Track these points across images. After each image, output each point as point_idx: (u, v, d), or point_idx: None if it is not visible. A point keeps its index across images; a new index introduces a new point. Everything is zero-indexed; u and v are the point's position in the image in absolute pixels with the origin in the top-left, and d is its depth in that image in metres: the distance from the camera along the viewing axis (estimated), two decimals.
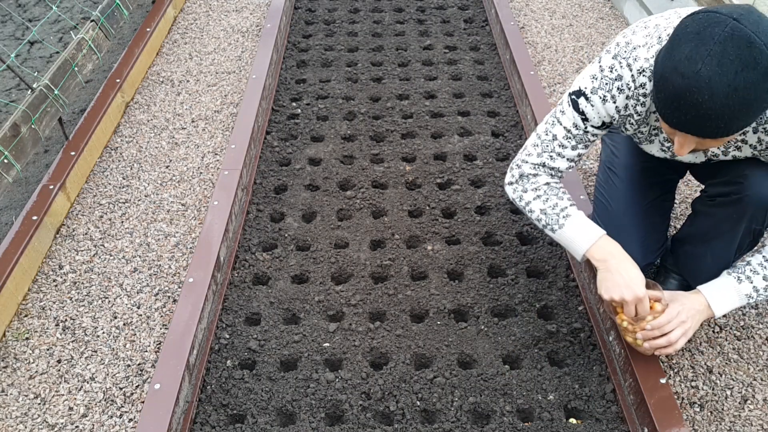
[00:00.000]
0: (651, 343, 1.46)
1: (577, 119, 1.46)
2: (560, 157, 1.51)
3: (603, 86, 1.39)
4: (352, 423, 1.55)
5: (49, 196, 2.11)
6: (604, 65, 1.38)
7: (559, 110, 1.50)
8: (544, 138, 1.53)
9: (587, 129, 1.46)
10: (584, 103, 1.43)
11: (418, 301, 1.85)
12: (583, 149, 1.51)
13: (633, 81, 1.35)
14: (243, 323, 1.81)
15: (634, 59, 1.33)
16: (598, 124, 1.46)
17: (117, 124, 2.63)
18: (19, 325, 1.85)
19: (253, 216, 2.15)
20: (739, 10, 1.08)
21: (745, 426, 1.57)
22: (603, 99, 1.40)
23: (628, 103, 1.39)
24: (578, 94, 1.44)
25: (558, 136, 1.50)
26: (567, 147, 1.50)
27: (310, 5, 3.46)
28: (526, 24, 3.26)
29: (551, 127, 1.52)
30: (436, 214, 2.15)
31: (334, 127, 2.55)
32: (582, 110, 1.44)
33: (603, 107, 1.41)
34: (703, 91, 1.08)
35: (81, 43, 2.59)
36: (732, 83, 1.06)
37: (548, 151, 1.52)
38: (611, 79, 1.37)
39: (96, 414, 1.62)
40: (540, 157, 1.53)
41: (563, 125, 1.49)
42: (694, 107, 1.10)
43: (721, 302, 1.46)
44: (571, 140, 1.49)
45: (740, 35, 1.06)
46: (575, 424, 1.55)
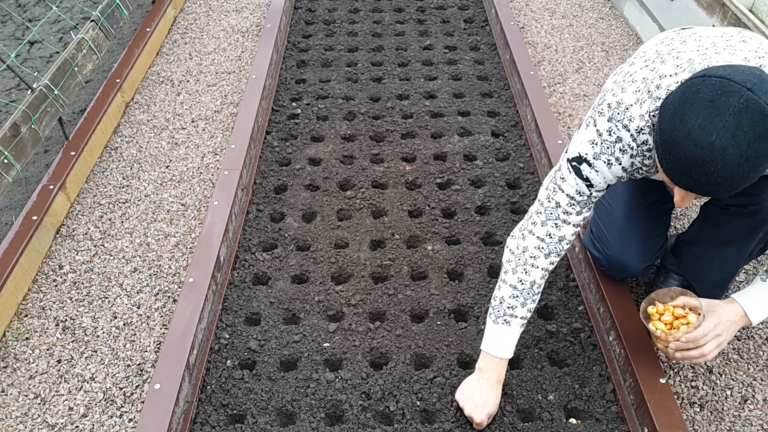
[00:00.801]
0: (684, 353, 1.44)
1: (581, 186, 1.41)
2: (566, 224, 1.46)
3: (605, 150, 1.35)
4: (352, 423, 1.55)
5: (49, 196, 2.11)
6: (601, 129, 1.34)
7: (559, 177, 1.44)
8: (548, 206, 1.47)
9: (592, 194, 1.43)
10: (588, 170, 1.38)
11: (418, 301, 1.85)
12: (587, 212, 1.47)
13: (634, 140, 1.32)
14: (243, 323, 1.81)
15: (630, 119, 1.30)
16: (603, 188, 1.43)
17: (117, 124, 2.63)
18: (19, 325, 1.85)
19: (253, 216, 2.15)
20: (753, 79, 1.08)
21: (745, 426, 1.57)
22: (608, 163, 1.36)
23: (634, 161, 1.37)
24: (579, 160, 1.39)
25: (561, 204, 1.45)
26: (572, 213, 1.45)
27: (310, 5, 3.47)
28: (526, 24, 3.26)
29: (553, 194, 1.46)
30: (436, 214, 2.15)
31: (334, 127, 2.55)
32: (586, 177, 1.39)
33: (609, 171, 1.37)
34: (716, 162, 1.08)
35: (81, 43, 2.59)
36: (744, 154, 1.07)
37: (553, 219, 1.46)
38: (611, 142, 1.34)
39: (96, 414, 1.62)
40: (545, 226, 1.47)
41: (566, 192, 1.43)
42: (705, 175, 1.11)
43: (759, 310, 1.45)
44: (575, 206, 1.44)
45: (755, 108, 1.06)
46: (575, 424, 1.55)
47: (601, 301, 1.78)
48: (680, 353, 1.44)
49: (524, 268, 1.49)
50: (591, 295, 1.85)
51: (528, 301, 1.51)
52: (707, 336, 1.40)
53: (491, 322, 1.54)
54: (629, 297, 1.75)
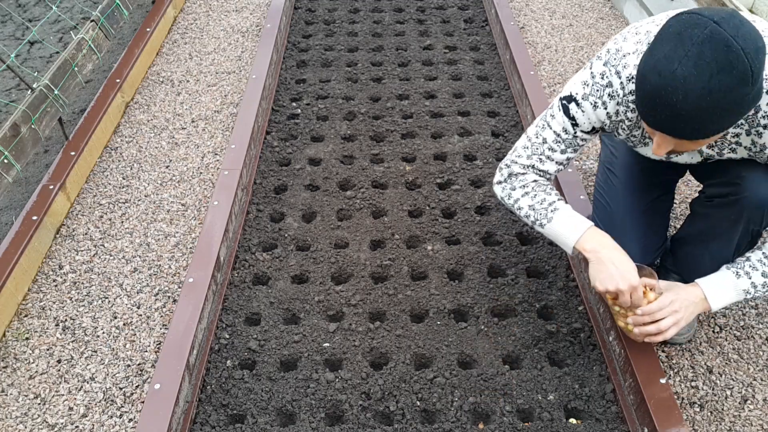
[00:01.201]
0: (641, 329, 1.47)
1: (567, 124, 1.47)
2: (549, 160, 1.52)
3: (594, 92, 1.39)
4: (352, 423, 1.55)
5: (49, 196, 2.11)
6: (595, 72, 1.39)
7: (549, 114, 1.50)
8: (534, 141, 1.53)
9: (576, 134, 1.47)
10: (575, 109, 1.43)
11: (418, 301, 1.85)
12: (572, 153, 1.52)
13: (622, 88, 1.36)
14: (243, 323, 1.81)
15: (624, 66, 1.33)
16: (588, 129, 1.46)
17: (117, 124, 2.63)
18: (19, 325, 1.85)
19: (253, 216, 2.15)
20: (722, 14, 1.09)
21: (745, 426, 1.57)
22: (594, 105, 1.40)
23: (619, 109, 1.40)
24: (569, 99, 1.44)
25: (548, 140, 1.50)
26: (556, 150, 1.51)
27: (310, 5, 3.47)
28: (526, 24, 3.26)
29: (541, 130, 1.52)
30: (436, 214, 2.15)
31: (334, 127, 2.55)
32: (573, 115, 1.44)
33: (594, 113, 1.42)
34: (677, 91, 1.09)
35: (81, 43, 2.59)
36: (707, 85, 1.07)
37: (537, 154, 1.52)
38: (602, 85, 1.38)
39: (96, 414, 1.62)
40: (530, 159, 1.54)
41: (553, 129, 1.49)
42: (669, 107, 1.11)
43: (718, 296, 1.47)
44: (560, 144, 1.50)
45: (718, 38, 1.06)
46: (575, 424, 1.55)
47: (601, 301, 1.78)
48: (638, 329, 1.47)
49: (518, 180, 1.56)
50: (591, 295, 1.85)
51: (549, 189, 1.55)
52: (663, 310, 1.43)
53: (548, 224, 1.51)
54: None
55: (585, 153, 2.43)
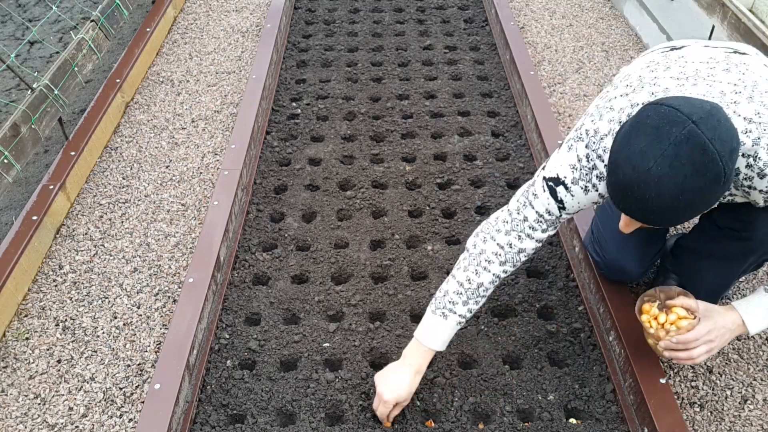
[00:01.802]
0: (672, 353, 1.44)
1: (552, 206, 1.42)
2: (529, 238, 1.47)
3: (584, 177, 1.36)
4: (352, 423, 1.55)
5: (49, 196, 2.11)
6: (580, 155, 1.35)
7: (532, 192, 1.44)
8: (516, 217, 1.47)
9: (561, 216, 1.44)
10: (563, 192, 1.39)
11: (418, 301, 1.85)
12: (552, 231, 1.48)
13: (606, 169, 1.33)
14: (243, 323, 1.81)
15: (604, 150, 1.31)
16: (574, 212, 1.43)
17: (117, 124, 2.63)
18: (19, 325, 1.85)
19: (253, 216, 2.15)
20: (700, 112, 1.07)
21: (745, 426, 1.57)
22: (585, 189, 1.37)
23: None
24: (557, 182, 1.39)
25: (529, 219, 1.45)
26: (537, 230, 1.46)
27: (310, 5, 3.47)
28: (526, 24, 3.26)
29: (523, 207, 1.46)
30: (436, 214, 2.15)
31: (334, 127, 2.55)
32: (560, 199, 1.40)
33: (585, 197, 1.38)
34: (650, 189, 1.09)
35: (81, 43, 2.59)
36: (680, 186, 1.07)
37: (517, 231, 1.46)
38: (588, 168, 1.35)
39: (96, 414, 1.62)
40: (508, 235, 1.47)
41: (536, 209, 1.43)
42: (641, 201, 1.11)
43: (758, 320, 1.44)
44: (542, 224, 1.45)
45: (696, 140, 1.05)
46: (575, 424, 1.55)
47: (601, 301, 1.78)
48: (668, 353, 1.44)
49: (476, 269, 1.48)
50: (591, 295, 1.85)
51: (470, 302, 1.49)
52: (699, 340, 1.40)
53: (430, 311, 1.52)
54: (629, 297, 1.75)
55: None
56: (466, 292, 1.48)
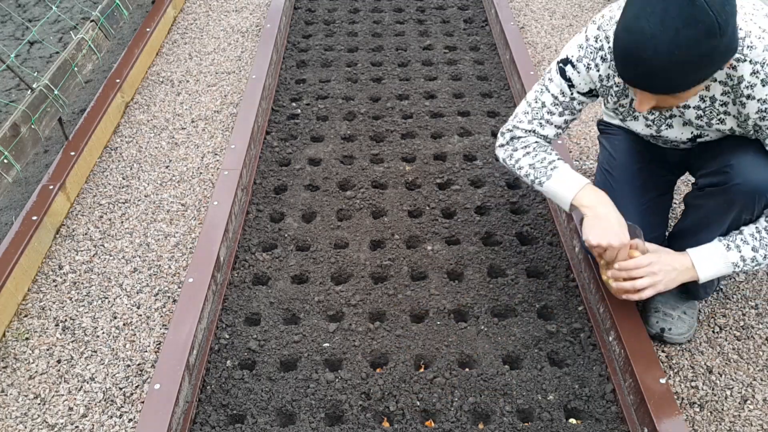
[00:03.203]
0: (618, 284, 1.51)
1: (564, 86, 1.54)
2: (549, 124, 1.60)
3: (588, 55, 1.47)
4: (352, 423, 1.55)
5: (49, 196, 2.11)
6: (589, 35, 1.46)
7: (548, 78, 1.57)
8: (534, 105, 1.60)
9: (574, 95, 1.54)
10: (571, 70, 1.51)
11: (418, 302, 1.85)
12: (569, 116, 1.59)
13: (611, 53, 1.42)
14: (243, 323, 1.81)
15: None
16: (584, 91, 1.53)
17: (117, 124, 2.64)
18: (19, 325, 1.85)
19: (252, 216, 2.15)
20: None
21: (745, 426, 1.58)
22: (587, 67, 1.48)
23: (609, 73, 1.47)
24: (565, 62, 1.51)
25: (546, 103, 1.58)
26: (555, 114, 1.58)
27: (310, 5, 3.47)
28: (526, 24, 3.26)
29: (540, 94, 1.59)
30: (436, 214, 2.15)
31: (334, 127, 2.55)
32: (569, 77, 1.52)
33: (587, 74, 1.49)
34: (647, 48, 1.14)
35: (81, 43, 2.59)
36: (673, 40, 1.11)
37: (537, 118, 1.60)
38: (595, 48, 1.45)
39: (96, 414, 1.62)
40: (530, 124, 1.61)
41: (551, 92, 1.56)
42: (641, 63, 1.16)
43: (707, 266, 1.49)
44: (558, 107, 1.57)
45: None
46: (575, 424, 1.55)
47: (601, 301, 1.78)
48: (615, 283, 1.53)
49: (520, 142, 1.63)
50: (591, 295, 1.85)
51: (549, 149, 1.63)
52: (641, 270, 1.47)
53: (547, 181, 1.58)
54: None
55: (585, 153, 2.44)
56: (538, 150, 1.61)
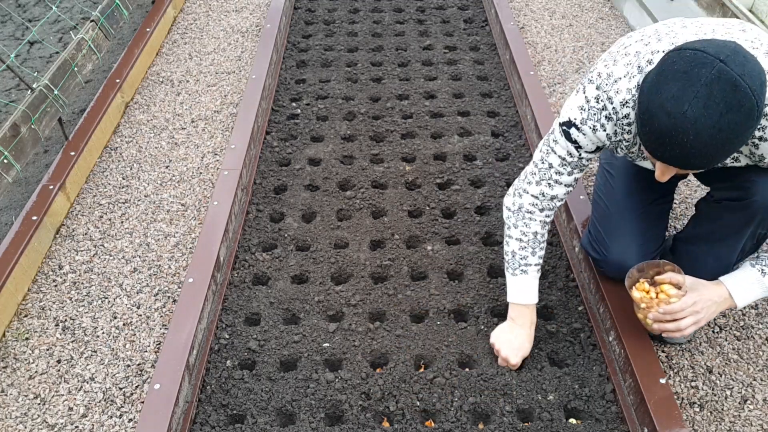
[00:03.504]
0: (660, 325, 1.50)
1: (570, 148, 1.49)
2: (558, 184, 1.56)
3: (591, 117, 1.41)
4: (352, 423, 1.55)
5: (49, 196, 2.11)
6: (589, 96, 1.40)
7: (552, 139, 1.53)
8: (541, 167, 1.56)
9: (582, 155, 1.50)
10: (576, 133, 1.46)
11: (418, 302, 1.85)
12: (578, 173, 1.56)
13: (616, 113, 1.37)
14: (243, 323, 1.81)
15: (616, 92, 1.34)
16: (591, 150, 1.49)
17: (117, 124, 2.63)
18: (19, 325, 1.85)
19: (252, 216, 2.15)
20: (726, 51, 1.10)
21: (745, 426, 1.57)
22: (593, 129, 1.43)
23: (617, 130, 1.43)
24: (569, 125, 1.46)
25: (554, 165, 1.54)
26: (563, 174, 1.54)
27: (310, 5, 3.47)
28: (526, 24, 3.26)
29: (546, 156, 1.55)
30: (435, 214, 2.15)
31: (334, 127, 2.55)
32: (575, 139, 1.47)
33: (594, 135, 1.44)
34: (688, 132, 1.11)
35: (81, 43, 2.59)
36: (716, 125, 1.10)
37: (546, 179, 1.56)
38: (598, 109, 1.40)
39: (96, 414, 1.62)
40: (539, 185, 1.57)
41: (558, 154, 1.52)
42: (679, 146, 1.14)
43: (744, 294, 1.49)
44: (566, 167, 1.53)
45: (726, 78, 1.08)
46: (575, 424, 1.55)
47: (601, 301, 1.78)
48: (657, 324, 1.51)
49: (524, 221, 1.61)
50: (591, 295, 1.85)
51: (537, 250, 1.63)
52: (685, 311, 1.46)
53: (510, 275, 1.66)
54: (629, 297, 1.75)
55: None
56: (528, 244, 1.62)
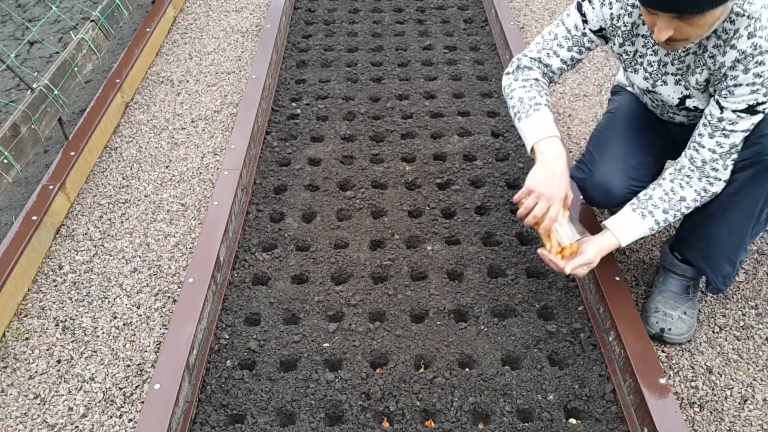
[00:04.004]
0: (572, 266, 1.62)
1: (578, 20, 1.64)
2: (555, 55, 1.70)
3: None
4: (352, 423, 1.55)
5: (49, 196, 2.11)
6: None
7: (566, 14, 1.68)
8: (547, 37, 1.71)
9: (585, 32, 1.65)
10: (587, 6, 1.62)
11: (418, 302, 1.85)
12: (577, 53, 1.69)
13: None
14: (243, 323, 1.81)
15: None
16: (595, 28, 1.64)
17: (117, 124, 2.64)
18: (19, 325, 1.85)
19: (252, 216, 2.15)
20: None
21: (745, 426, 1.58)
22: (602, 3, 1.59)
23: (621, 13, 1.57)
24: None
25: (558, 36, 1.69)
26: (564, 47, 1.68)
27: (310, 5, 3.47)
28: (526, 24, 3.26)
29: (555, 27, 1.70)
30: (435, 214, 2.15)
31: (333, 127, 2.55)
32: (584, 12, 1.62)
33: (601, 10, 1.60)
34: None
35: (81, 43, 2.59)
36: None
37: (546, 48, 1.71)
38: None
39: (96, 414, 1.62)
40: (539, 52, 1.72)
41: (566, 26, 1.67)
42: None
43: (628, 236, 1.63)
44: (568, 41, 1.68)
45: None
46: (575, 424, 1.55)
47: (601, 301, 1.78)
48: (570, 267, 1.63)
49: (524, 75, 1.72)
50: (591, 295, 1.85)
51: (542, 92, 1.70)
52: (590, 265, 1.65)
53: (525, 119, 1.67)
54: (629, 297, 1.75)
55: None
56: (533, 87, 1.70)
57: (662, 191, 1.59)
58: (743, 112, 1.43)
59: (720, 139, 1.49)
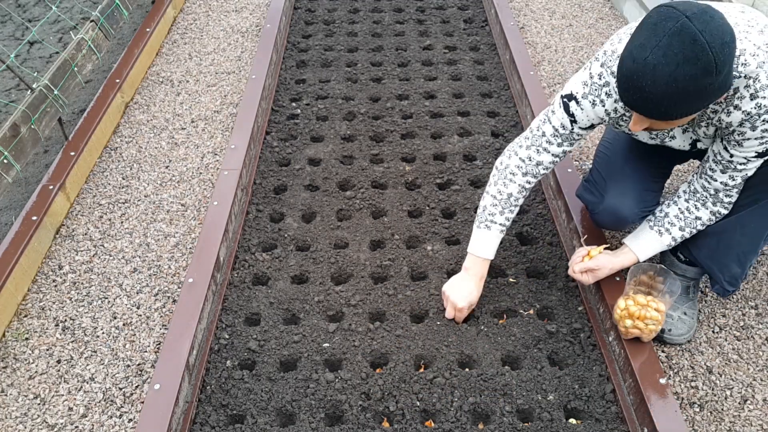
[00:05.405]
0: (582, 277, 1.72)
1: (565, 120, 1.59)
2: (546, 152, 1.65)
3: (593, 92, 1.52)
4: (352, 423, 1.55)
5: (49, 197, 2.11)
6: (593, 73, 1.51)
7: (551, 110, 1.62)
8: (535, 133, 1.66)
9: (573, 130, 1.60)
10: (575, 107, 1.56)
11: (418, 302, 1.85)
12: (568, 147, 1.65)
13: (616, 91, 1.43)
14: (243, 323, 1.81)
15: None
16: (585, 126, 1.59)
17: (117, 124, 2.63)
18: (19, 326, 1.85)
19: (252, 216, 2.15)
20: (694, 9, 1.18)
21: (744, 426, 1.57)
22: (593, 103, 1.53)
23: (617, 106, 1.52)
24: (569, 97, 1.56)
25: (546, 134, 1.63)
26: (553, 144, 1.63)
27: (310, 5, 3.47)
28: (526, 24, 3.26)
29: (542, 124, 1.65)
30: (435, 214, 2.15)
31: (333, 127, 2.55)
32: (572, 113, 1.57)
33: (593, 111, 1.54)
34: (647, 77, 1.21)
35: (81, 44, 2.59)
36: (672, 74, 1.18)
37: (536, 145, 1.66)
38: (599, 85, 1.50)
39: (96, 414, 1.62)
40: (528, 150, 1.67)
41: (552, 124, 1.62)
42: (639, 90, 1.23)
43: (646, 252, 1.68)
44: (557, 138, 1.62)
45: (687, 32, 1.16)
46: (575, 424, 1.55)
47: (601, 301, 1.78)
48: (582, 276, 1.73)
49: (504, 181, 1.70)
50: (591, 295, 1.85)
51: (506, 211, 1.71)
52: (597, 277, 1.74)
53: (475, 227, 1.75)
54: None
55: (585, 153, 2.44)
56: (500, 203, 1.70)
57: (677, 209, 1.62)
58: (753, 157, 1.44)
59: (733, 173, 1.50)
